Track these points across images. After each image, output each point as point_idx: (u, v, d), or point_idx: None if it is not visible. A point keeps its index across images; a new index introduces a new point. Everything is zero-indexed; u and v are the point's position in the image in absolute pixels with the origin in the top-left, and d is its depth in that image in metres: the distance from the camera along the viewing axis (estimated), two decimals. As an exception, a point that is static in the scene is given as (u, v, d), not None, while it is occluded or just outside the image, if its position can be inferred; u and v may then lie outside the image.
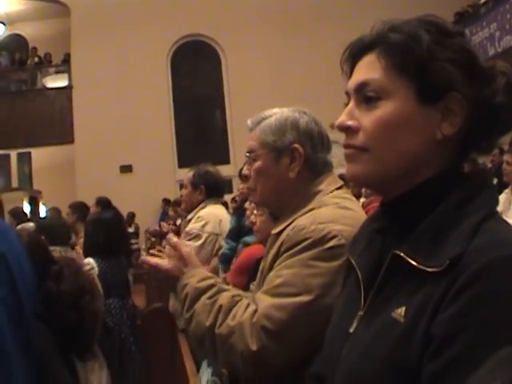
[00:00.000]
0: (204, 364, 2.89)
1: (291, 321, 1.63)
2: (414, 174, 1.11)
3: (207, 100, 16.21)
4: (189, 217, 4.23)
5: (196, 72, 16.29)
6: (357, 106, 1.14)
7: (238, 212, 3.38)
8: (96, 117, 14.17)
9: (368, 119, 1.12)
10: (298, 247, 1.70)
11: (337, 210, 1.77)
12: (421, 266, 1.03)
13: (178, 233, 5.46)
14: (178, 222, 6.45)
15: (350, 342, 1.14)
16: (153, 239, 12.31)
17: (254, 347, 1.63)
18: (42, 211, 15.06)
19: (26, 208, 14.76)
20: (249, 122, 1.98)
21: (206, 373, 2.89)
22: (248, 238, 3.33)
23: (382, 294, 1.10)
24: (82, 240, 5.80)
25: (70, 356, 2.31)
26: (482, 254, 0.97)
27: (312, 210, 1.81)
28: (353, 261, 1.24)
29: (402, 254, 1.06)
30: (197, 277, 1.82)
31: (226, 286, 1.87)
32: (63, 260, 2.60)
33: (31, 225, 5.41)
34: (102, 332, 4.06)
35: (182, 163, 14.45)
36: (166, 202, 13.95)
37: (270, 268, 1.81)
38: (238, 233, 3.44)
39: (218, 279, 1.91)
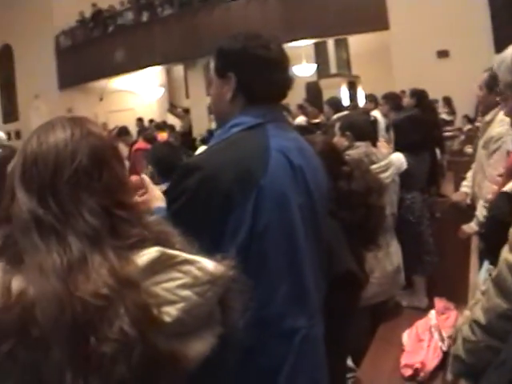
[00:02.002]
0: (486, 262, 3.01)
1: None
2: None
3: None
4: (486, 118, 4.16)
5: None
6: None
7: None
8: (410, 2, 13.90)
9: None
10: None
11: None
12: None
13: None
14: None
15: None
16: (468, 126, 12.08)
17: None
18: (361, 96, 15.53)
19: (345, 93, 15.41)
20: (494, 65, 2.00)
21: (485, 266, 3.00)
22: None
23: None
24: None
25: (358, 247, 2.62)
26: None
27: None
28: None
29: None
30: None
31: None
32: (353, 161, 2.88)
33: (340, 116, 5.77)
34: (400, 224, 4.38)
35: (498, 46, 13.65)
36: (483, 87, 13.41)
37: None
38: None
39: None
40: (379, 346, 3.57)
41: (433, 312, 3.62)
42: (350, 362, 3.19)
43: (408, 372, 3.17)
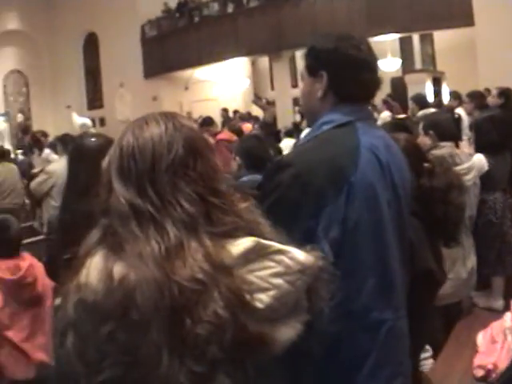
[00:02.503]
0: None
1: None
2: None
3: None
4: None
5: None
6: None
7: None
8: (495, -1, 13.49)
9: None
10: None
11: None
12: None
13: None
14: None
15: None
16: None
17: None
18: (445, 92, 15.23)
19: (429, 89, 15.14)
20: None
21: None
22: None
23: None
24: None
25: (437, 244, 2.63)
26: None
27: None
28: None
29: None
30: None
31: None
32: (436, 159, 2.89)
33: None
34: (482, 224, 4.35)
35: None
36: None
37: None
38: None
39: None
40: (453, 346, 3.57)
41: (508, 314, 3.58)
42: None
43: (480, 373, 3.16)
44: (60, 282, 3.31)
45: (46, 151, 9.20)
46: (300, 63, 2.08)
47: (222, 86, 20.59)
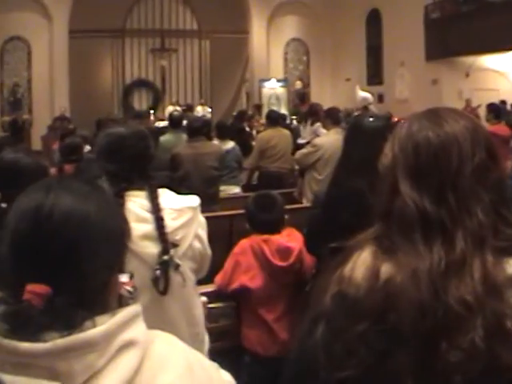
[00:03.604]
0: None
1: None
2: None
3: None
4: None
5: None
6: None
7: None
8: None
9: None
10: None
11: None
12: None
13: None
14: None
15: None
16: None
17: None
18: None
19: None
20: None
21: None
22: None
23: None
24: None
25: None
26: None
27: None
28: None
29: None
30: None
31: None
32: None
33: None
34: None
35: None
36: None
37: None
38: None
39: None
40: None
41: None
42: None
43: None
44: (318, 257, 3.35)
45: (317, 124, 9.47)
46: None
47: (504, 77, 19.52)
